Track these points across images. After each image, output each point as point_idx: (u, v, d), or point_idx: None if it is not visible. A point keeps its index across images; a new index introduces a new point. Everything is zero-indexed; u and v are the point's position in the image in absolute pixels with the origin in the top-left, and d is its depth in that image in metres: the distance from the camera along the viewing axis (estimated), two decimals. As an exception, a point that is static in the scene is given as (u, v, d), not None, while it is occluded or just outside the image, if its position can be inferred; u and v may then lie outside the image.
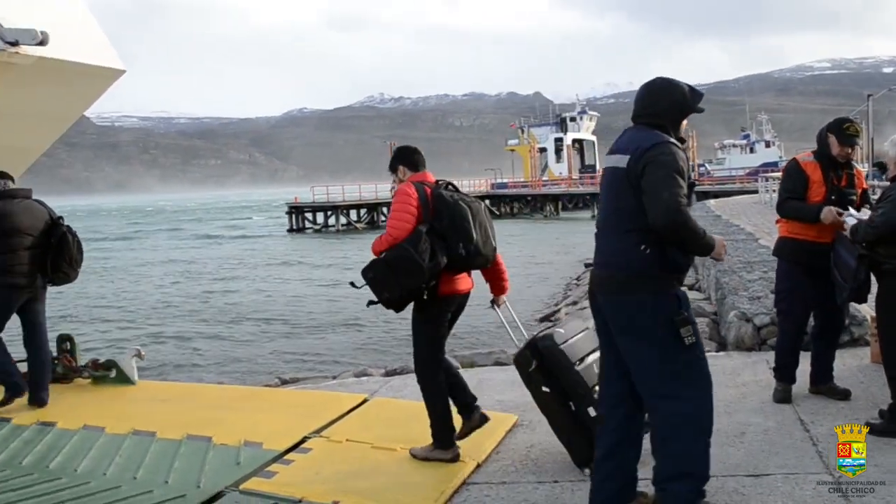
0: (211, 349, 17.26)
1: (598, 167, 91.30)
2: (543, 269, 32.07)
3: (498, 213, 72.01)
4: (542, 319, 19.54)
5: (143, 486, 4.85)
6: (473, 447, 5.12)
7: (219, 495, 4.69)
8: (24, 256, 6.55)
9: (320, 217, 62.08)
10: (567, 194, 73.73)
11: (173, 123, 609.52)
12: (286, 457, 5.28)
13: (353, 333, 19.14)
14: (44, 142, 10.10)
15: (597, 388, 4.35)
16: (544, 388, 4.78)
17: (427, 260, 4.57)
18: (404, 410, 6.22)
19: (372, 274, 4.72)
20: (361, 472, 4.94)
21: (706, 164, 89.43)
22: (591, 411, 4.49)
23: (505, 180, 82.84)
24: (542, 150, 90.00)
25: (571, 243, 41.83)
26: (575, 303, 20.01)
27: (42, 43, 7.82)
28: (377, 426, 5.79)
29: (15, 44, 7.84)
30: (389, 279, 4.65)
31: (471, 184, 76.56)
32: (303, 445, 5.47)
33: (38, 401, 6.71)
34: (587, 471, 4.51)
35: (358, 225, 61.67)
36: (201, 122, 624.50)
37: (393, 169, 5.16)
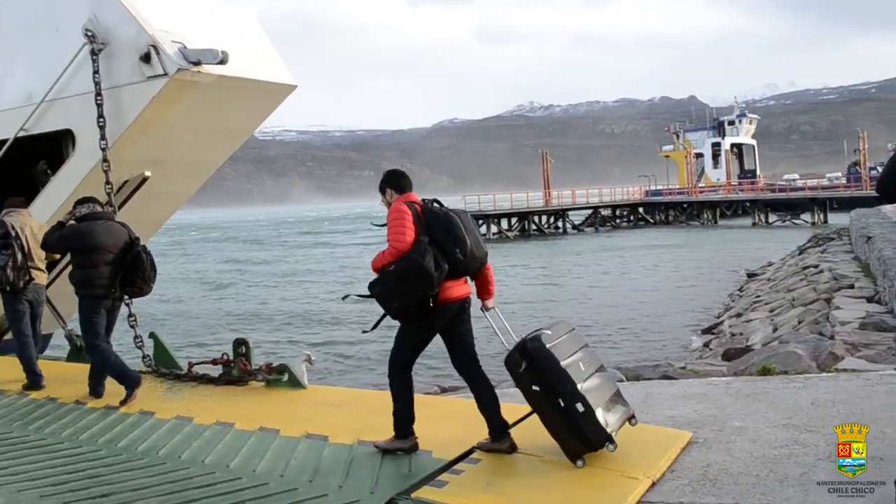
0: (373, 355, 17.63)
1: (758, 172, 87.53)
2: (702, 279, 31.08)
3: (652, 220, 70.32)
4: (705, 331, 18.90)
5: (319, 490, 4.99)
6: (647, 464, 4.97)
7: (391, 503, 4.76)
8: (105, 271, 7.48)
9: (471, 226, 62.49)
10: (726, 201, 71.06)
11: (329, 136, 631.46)
12: (456, 466, 5.29)
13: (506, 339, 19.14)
14: (221, 156, 10.63)
15: (581, 385, 4.95)
16: (534, 388, 5.12)
17: (431, 266, 4.98)
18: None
19: (380, 287, 5.15)
20: (533, 485, 4.88)
21: (878, 168, 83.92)
22: (579, 407, 4.93)
23: (659, 187, 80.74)
24: (699, 155, 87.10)
25: (730, 252, 40.32)
26: (739, 315, 19.23)
27: (222, 62, 8.24)
28: (547, 438, 5.70)
29: (198, 63, 8.30)
30: (400, 289, 5.06)
31: (623, 191, 75.15)
32: (472, 456, 5.46)
33: (94, 393, 7.72)
34: (580, 463, 5.00)
35: (509, 234, 61.76)
36: (356, 134, 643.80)
37: (382, 191, 5.56)
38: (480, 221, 61.20)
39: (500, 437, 5.42)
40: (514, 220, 64.01)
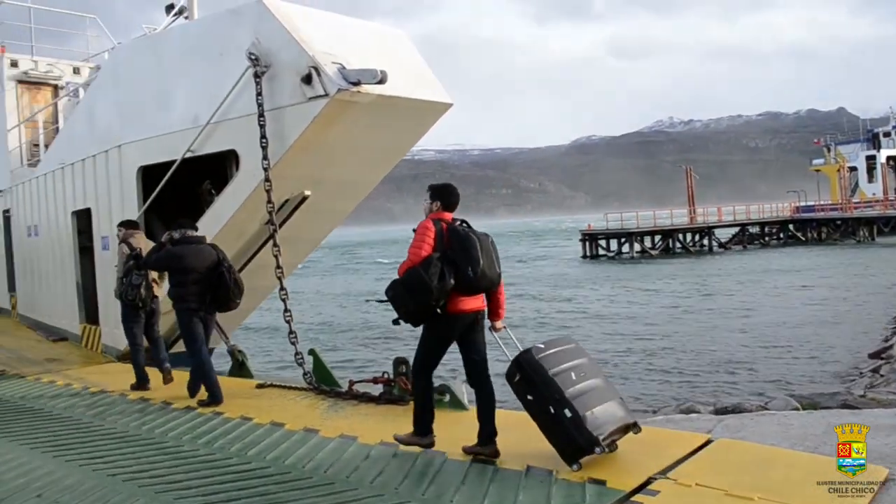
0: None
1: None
2: (861, 299, 29.25)
3: (804, 238, 66.86)
4: (873, 356, 17.69)
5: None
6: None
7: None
8: (193, 289, 8.46)
9: (613, 244, 61.32)
10: (883, 217, 66.68)
11: (467, 155, 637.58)
12: (633, 498, 4.98)
13: (655, 362, 18.52)
14: (377, 175, 10.69)
15: (569, 392, 5.43)
16: (528, 397, 5.65)
17: (436, 281, 5.57)
18: (754, 454, 5.68)
19: (392, 293, 5.82)
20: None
21: None
22: (567, 412, 5.39)
23: (811, 203, 76.71)
24: (852, 169, 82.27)
25: (892, 271, 37.83)
26: (913, 339, 17.87)
27: (381, 81, 8.24)
28: (727, 471, 5.30)
29: (357, 83, 8.34)
30: (405, 296, 5.72)
31: (772, 208, 71.84)
32: (649, 487, 5.13)
33: (213, 400, 8.40)
34: (575, 466, 5.42)
35: (653, 252, 60.10)
36: (493, 152, 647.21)
37: (431, 198, 6.13)
38: (623, 239, 60.05)
39: (486, 442, 5.90)
40: (657, 237, 62.30)
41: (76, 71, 18.27)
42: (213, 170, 10.70)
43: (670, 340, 22.55)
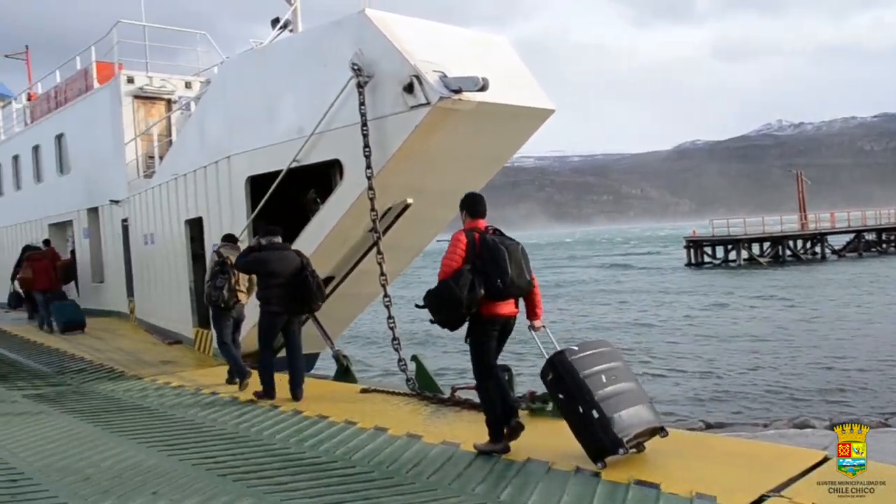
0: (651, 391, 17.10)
1: None
2: None
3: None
4: None
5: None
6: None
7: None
8: (278, 292, 8.95)
9: (720, 251, 59.66)
10: None
11: (567, 161, 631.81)
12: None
13: (764, 375, 17.90)
14: (479, 182, 10.67)
15: (598, 394, 5.69)
16: (560, 396, 5.98)
17: (465, 293, 5.96)
18: (875, 474, 5.35)
19: (426, 302, 6.22)
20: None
21: None
22: (595, 413, 5.65)
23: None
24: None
25: None
26: None
27: (483, 89, 8.25)
28: (846, 491, 5.06)
29: (458, 91, 8.37)
30: (438, 306, 6.14)
31: (889, 214, 68.40)
32: (760, 504, 4.94)
33: (294, 396, 9.00)
34: (600, 464, 5.67)
35: (761, 259, 58.14)
36: (594, 158, 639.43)
37: (460, 208, 6.55)
38: (730, 246, 58.34)
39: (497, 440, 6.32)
40: (766, 244, 60.27)
41: (188, 85, 18.97)
42: (318, 179, 10.92)
43: (781, 352, 21.78)
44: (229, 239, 10.72)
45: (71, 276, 20.17)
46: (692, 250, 60.94)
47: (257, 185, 11.47)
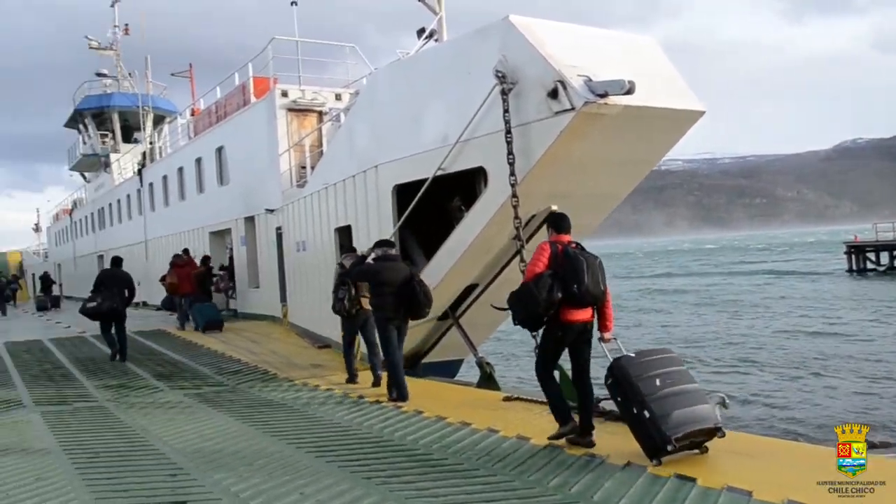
0: (793, 397, 16.31)
1: None
2: None
3: None
4: None
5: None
6: None
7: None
8: (389, 300, 9.74)
9: (884, 257, 55.97)
10: None
11: (717, 164, 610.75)
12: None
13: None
14: (625, 188, 10.46)
15: (651, 396, 6.19)
16: (618, 398, 6.56)
17: (544, 294, 6.61)
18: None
19: (510, 302, 7.00)
20: None
21: None
22: (646, 413, 6.17)
23: None
24: None
25: None
26: None
27: (629, 92, 8.05)
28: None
29: (604, 95, 8.20)
30: (518, 306, 6.87)
31: None
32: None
33: (400, 397, 9.64)
34: (655, 462, 6.13)
35: (935, 266, 54.05)
36: (745, 160, 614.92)
37: (548, 224, 7.41)
38: (896, 252, 54.69)
39: (584, 433, 6.95)
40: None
41: (338, 97, 19.58)
42: (463, 187, 10.99)
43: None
44: (352, 250, 11.66)
45: (205, 283, 21.54)
46: (853, 256, 57.48)
47: (403, 193, 11.67)
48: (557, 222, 7.26)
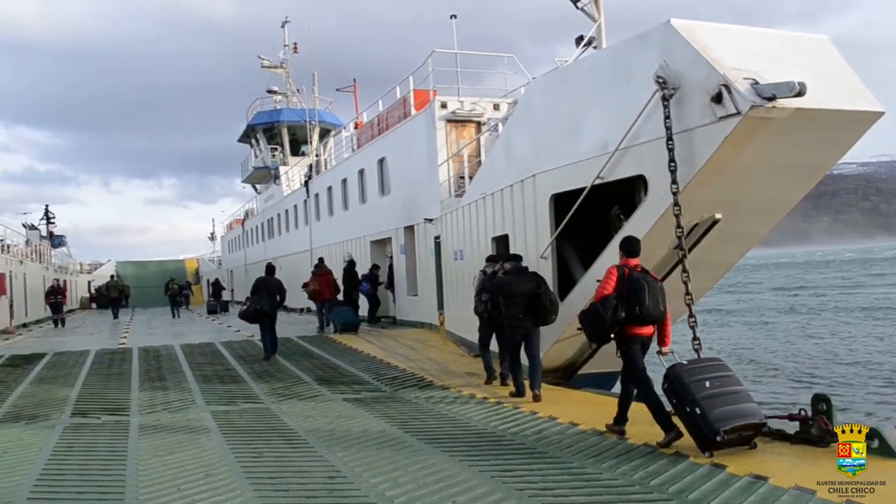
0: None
1: None
2: None
3: None
4: None
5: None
6: None
7: None
8: (517, 308, 10.74)
9: None
10: None
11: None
12: None
13: None
14: (796, 194, 9.95)
15: (700, 395, 7.02)
16: (673, 400, 7.30)
17: (609, 314, 7.62)
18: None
19: (580, 319, 8.09)
20: None
21: None
22: (697, 410, 6.99)
23: None
24: None
25: None
26: None
27: (799, 94, 7.65)
28: None
29: (772, 98, 7.83)
30: (587, 322, 7.94)
31: None
32: None
33: (534, 397, 10.48)
34: (707, 454, 6.92)
35: None
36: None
37: (620, 249, 8.25)
38: None
39: (669, 430, 7.51)
40: None
41: (496, 107, 19.74)
42: (622, 195, 10.78)
43: None
44: (494, 259, 12.61)
45: (338, 289, 22.88)
46: None
47: (561, 202, 11.59)
48: (629, 247, 8.11)
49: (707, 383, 7.16)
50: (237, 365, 15.52)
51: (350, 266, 23.96)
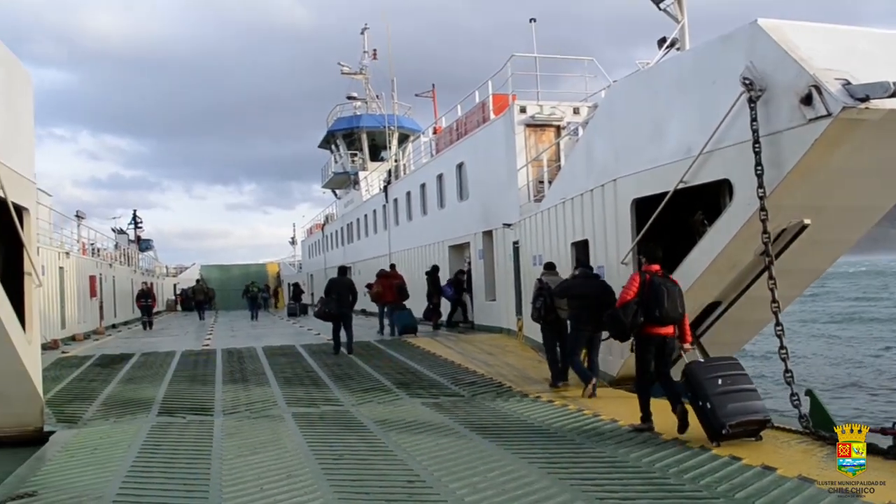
0: None
1: None
2: None
3: None
4: None
5: None
6: None
7: None
8: (582, 312, 11.49)
9: None
10: None
11: None
12: None
13: None
14: (888, 199, 9.60)
15: (713, 391, 7.83)
16: (688, 394, 8.16)
17: (629, 319, 8.51)
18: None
19: (605, 322, 9.24)
20: None
21: None
22: (708, 405, 7.85)
23: None
24: None
25: None
26: None
27: (894, 94, 7.36)
28: None
29: (865, 99, 7.56)
30: (610, 326, 8.97)
31: None
32: None
33: (587, 392, 11.27)
34: (715, 443, 7.78)
35: None
36: None
37: (640, 255, 9.25)
38: None
39: (645, 421, 8.76)
40: None
41: (576, 111, 19.57)
42: (706, 200, 10.55)
43: None
44: (550, 267, 13.40)
45: (405, 294, 23.22)
46: None
47: (643, 206, 11.40)
48: (650, 254, 8.80)
49: (719, 381, 7.92)
50: (317, 367, 15.72)
51: (433, 271, 24.14)
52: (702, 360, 8.61)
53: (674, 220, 10.86)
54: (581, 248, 13.93)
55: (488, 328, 21.93)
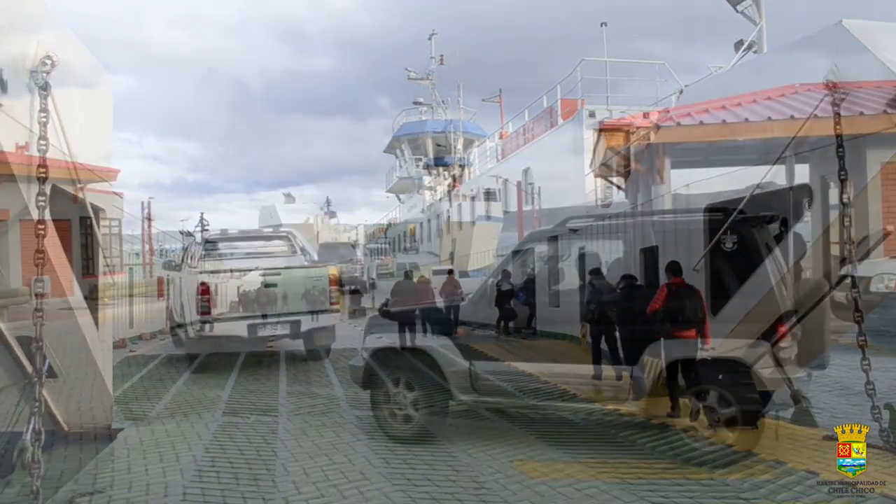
0: None
1: None
2: None
3: None
4: None
5: None
6: None
7: None
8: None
9: None
10: None
11: None
12: None
13: None
14: None
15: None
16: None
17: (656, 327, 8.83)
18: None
19: None
20: None
21: None
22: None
23: None
24: None
25: None
26: None
27: None
28: None
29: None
30: None
31: None
32: None
33: None
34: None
35: None
36: None
37: (666, 271, 9.35)
38: None
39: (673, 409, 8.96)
40: None
41: (645, 115, 19.29)
42: (776, 207, 10.23)
43: None
44: (597, 273, 12.66)
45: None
46: None
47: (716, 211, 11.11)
48: (674, 269, 9.34)
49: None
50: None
51: (505, 276, 23.98)
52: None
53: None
54: (649, 255, 13.66)
55: (551, 334, 21.72)
